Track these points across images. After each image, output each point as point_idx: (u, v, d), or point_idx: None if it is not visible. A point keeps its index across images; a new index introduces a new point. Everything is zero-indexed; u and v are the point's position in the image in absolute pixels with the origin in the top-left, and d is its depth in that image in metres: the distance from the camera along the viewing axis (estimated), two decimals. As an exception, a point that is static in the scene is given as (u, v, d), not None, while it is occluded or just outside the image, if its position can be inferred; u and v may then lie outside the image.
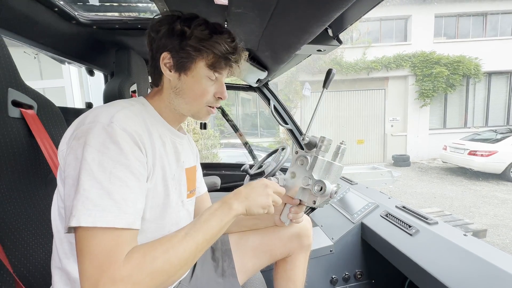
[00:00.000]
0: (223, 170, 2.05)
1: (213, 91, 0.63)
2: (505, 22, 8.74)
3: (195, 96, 0.62)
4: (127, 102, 0.57)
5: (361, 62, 8.48)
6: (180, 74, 0.60)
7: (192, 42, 0.57)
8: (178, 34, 0.57)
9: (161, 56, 0.58)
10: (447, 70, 8.13)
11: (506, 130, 6.62)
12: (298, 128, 1.81)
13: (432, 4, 8.53)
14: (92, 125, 0.48)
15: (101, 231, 0.43)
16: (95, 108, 0.53)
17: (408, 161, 8.05)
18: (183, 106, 0.63)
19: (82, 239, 0.43)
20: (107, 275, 0.41)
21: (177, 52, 0.58)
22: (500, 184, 5.67)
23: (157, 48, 0.59)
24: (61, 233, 0.53)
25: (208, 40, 0.58)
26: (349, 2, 0.57)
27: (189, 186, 0.70)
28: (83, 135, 0.47)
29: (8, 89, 0.60)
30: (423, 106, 8.55)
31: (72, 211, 0.43)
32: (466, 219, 3.64)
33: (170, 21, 0.58)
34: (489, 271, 0.65)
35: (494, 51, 8.28)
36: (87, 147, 0.45)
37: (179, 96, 0.62)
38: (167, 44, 0.58)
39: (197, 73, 0.60)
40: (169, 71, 0.59)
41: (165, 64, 0.59)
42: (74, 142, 0.48)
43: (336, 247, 1.04)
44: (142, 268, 0.43)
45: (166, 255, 0.46)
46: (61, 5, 0.97)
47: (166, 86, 0.62)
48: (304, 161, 0.68)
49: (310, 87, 8.05)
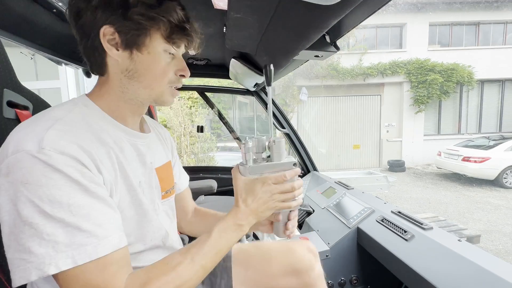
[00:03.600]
0: (220, 174, 2.04)
1: (173, 68, 0.53)
2: (497, 32, 8.97)
3: (155, 77, 0.51)
4: (62, 109, 0.46)
5: (357, 68, 8.59)
6: (132, 51, 0.48)
7: (141, 9, 0.46)
8: (121, 1, 0.45)
9: (100, 32, 0.46)
10: (441, 77, 8.28)
11: (498, 137, 6.73)
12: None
13: (426, 13, 8.71)
14: (18, 156, 0.38)
15: (87, 267, 0.38)
16: (17, 129, 0.42)
17: (403, 167, 8.12)
18: (141, 91, 0.51)
19: (69, 282, 0.38)
20: None
21: (123, 24, 0.46)
22: (493, 190, 5.74)
23: (91, 23, 0.46)
24: None
25: (160, 6, 0.47)
26: (346, 10, 0.58)
27: (164, 186, 0.62)
28: (11, 171, 0.38)
29: (4, 89, 0.59)
30: (418, 112, 8.67)
31: (37, 265, 0.36)
32: (460, 224, 3.67)
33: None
34: (482, 276, 0.65)
35: (487, 60, 8.47)
36: (26, 186, 0.37)
37: (134, 79, 0.50)
38: (106, 15, 0.45)
39: (154, 48, 0.49)
40: (115, 49, 0.47)
41: (108, 41, 0.47)
42: (2, 180, 0.38)
43: (332, 252, 1.04)
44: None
45: (171, 285, 0.42)
46: (59, 7, 0.97)
47: (114, 71, 0.50)
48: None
49: (307, 92, 8.13)
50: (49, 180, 0.38)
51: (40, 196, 0.37)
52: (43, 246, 0.37)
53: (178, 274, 0.43)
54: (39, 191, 0.37)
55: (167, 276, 0.43)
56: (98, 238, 0.40)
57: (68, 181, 0.39)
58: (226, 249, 0.50)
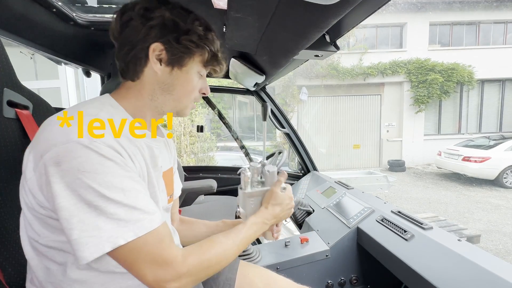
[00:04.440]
0: (220, 173, 2.04)
1: (199, 86, 0.61)
2: (497, 32, 8.96)
3: (186, 92, 0.59)
4: (92, 107, 0.50)
5: (357, 68, 8.58)
6: (173, 68, 0.55)
7: (193, 37, 0.54)
8: (175, 26, 0.53)
9: (151, 46, 0.53)
10: (441, 77, 8.27)
11: (498, 137, 6.73)
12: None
13: (426, 13, 8.71)
14: (69, 147, 0.42)
15: (147, 239, 0.45)
16: (53, 122, 0.46)
17: (404, 166, 8.12)
18: (170, 103, 0.58)
19: (130, 254, 0.44)
20: (170, 273, 0.46)
21: (174, 46, 0.53)
22: (493, 190, 5.74)
23: (142, 36, 0.52)
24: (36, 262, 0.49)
25: (207, 37, 0.56)
26: (346, 9, 0.58)
27: (168, 191, 0.66)
28: (64, 160, 0.41)
29: (4, 89, 0.59)
30: (418, 112, 8.67)
31: (107, 238, 0.42)
32: (460, 224, 3.68)
33: (165, 6, 0.53)
34: (482, 276, 0.65)
35: (487, 59, 8.46)
36: (84, 174, 0.42)
37: (167, 92, 0.57)
38: (160, 34, 0.52)
39: (191, 69, 0.57)
40: (159, 64, 0.54)
41: (155, 56, 0.53)
42: (53, 169, 0.42)
43: (332, 252, 1.04)
44: (200, 266, 0.50)
45: (218, 257, 0.54)
46: (59, 6, 0.97)
47: (150, 81, 0.56)
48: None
49: (307, 91, 8.12)
50: (105, 168, 0.43)
51: (99, 182, 0.42)
52: (109, 223, 0.43)
53: (222, 249, 0.55)
54: (97, 178, 0.42)
55: (214, 249, 0.54)
56: (149, 214, 0.46)
57: (118, 169, 0.45)
58: (254, 237, 0.64)
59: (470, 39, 9.04)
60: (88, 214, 0.42)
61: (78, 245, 0.42)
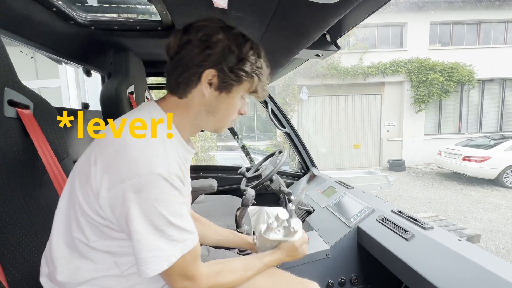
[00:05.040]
0: (220, 173, 2.04)
1: (239, 107, 0.64)
2: (498, 31, 8.94)
3: (228, 115, 0.62)
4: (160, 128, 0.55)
5: (357, 67, 8.57)
6: (221, 93, 0.57)
7: (246, 67, 0.56)
8: (231, 55, 0.54)
9: (205, 72, 0.54)
10: (442, 77, 8.26)
11: (499, 137, 6.73)
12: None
13: (427, 12, 8.68)
14: (152, 178, 0.48)
15: (186, 257, 0.52)
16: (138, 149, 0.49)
17: (404, 166, 8.12)
18: (211, 123, 0.62)
19: (175, 271, 0.52)
20: (190, 286, 0.54)
21: (226, 73, 0.55)
22: (494, 189, 5.74)
23: (198, 61, 0.54)
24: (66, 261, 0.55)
25: (260, 68, 0.59)
26: (347, 9, 0.58)
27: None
28: (144, 189, 0.47)
29: (5, 88, 0.59)
30: (418, 112, 8.66)
31: (165, 257, 0.49)
32: (460, 224, 3.67)
33: (226, 35, 0.54)
34: (483, 276, 0.65)
35: (488, 59, 8.45)
36: (159, 203, 0.48)
37: (211, 114, 0.60)
38: (216, 62, 0.54)
39: (237, 94, 0.59)
40: (209, 88, 0.56)
41: (208, 81, 0.55)
42: (133, 195, 0.47)
43: (332, 252, 1.04)
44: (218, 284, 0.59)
45: (232, 283, 0.62)
46: (59, 5, 0.97)
47: (197, 102, 0.58)
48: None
49: (307, 91, 8.11)
50: (174, 198, 0.51)
51: (168, 210, 0.49)
52: (167, 244, 0.50)
53: (238, 276, 0.63)
54: (167, 206, 0.49)
55: (231, 277, 0.62)
56: (192, 234, 0.54)
57: (181, 198, 0.52)
58: (265, 268, 0.71)
59: (471, 39, 9.02)
60: (154, 236, 0.49)
61: (144, 263, 0.49)
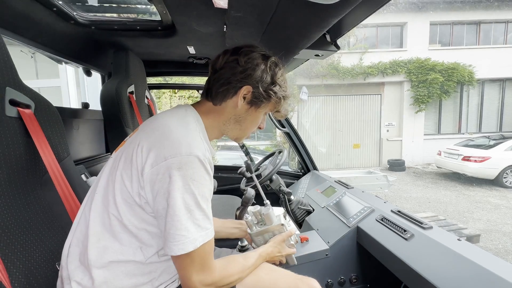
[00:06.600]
0: (220, 173, 2.04)
1: (260, 122, 0.73)
2: (498, 31, 8.94)
3: (251, 127, 0.71)
4: (192, 122, 0.61)
5: (357, 67, 8.57)
6: (251, 107, 0.67)
7: (277, 89, 0.65)
8: (267, 78, 0.64)
9: (244, 87, 0.63)
10: (441, 77, 8.26)
11: (499, 137, 6.73)
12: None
13: (427, 12, 8.69)
14: (191, 159, 0.53)
15: (205, 247, 0.55)
16: (180, 132, 0.57)
17: (403, 166, 8.12)
18: (235, 131, 0.70)
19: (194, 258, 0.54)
20: (210, 278, 0.57)
21: (260, 92, 0.64)
22: (493, 189, 5.74)
23: (242, 79, 0.63)
24: (95, 240, 0.57)
25: (285, 91, 0.68)
26: (347, 9, 0.58)
27: None
28: (183, 167, 0.52)
29: (6, 88, 0.59)
30: (418, 112, 8.66)
31: (191, 240, 0.52)
32: (460, 224, 3.68)
33: (265, 62, 0.64)
34: (482, 275, 0.65)
35: (487, 59, 8.45)
36: (193, 182, 0.52)
37: (238, 123, 0.68)
38: (255, 81, 0.63)
39: (263, 109, 0.69)
40: (242, 101, 0.65)
41: (243, 95, 0.64)
42: (173, 172, 0.51)
43: (332, 251, 1.04)
44: (225, 279, 0.61)
45: (239, 274, 0.66)
46: (59, 5, 0.97)
47: (229, 111, 0.67)
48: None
49: (307, 91, 8.11)
50: (205, 181, 0.55)
51: (199, 191, 0.53)
52: (193, 226, 0.53)
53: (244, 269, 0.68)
54: (199, 187, 0.53)
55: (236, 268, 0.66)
56: (211, 225, 0.57)
57: (210, 184, 0.56)
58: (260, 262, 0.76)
59: (471, 39, 9.02)
60: (184, 216, 0.52)
61: (172, 240, 0.52)
